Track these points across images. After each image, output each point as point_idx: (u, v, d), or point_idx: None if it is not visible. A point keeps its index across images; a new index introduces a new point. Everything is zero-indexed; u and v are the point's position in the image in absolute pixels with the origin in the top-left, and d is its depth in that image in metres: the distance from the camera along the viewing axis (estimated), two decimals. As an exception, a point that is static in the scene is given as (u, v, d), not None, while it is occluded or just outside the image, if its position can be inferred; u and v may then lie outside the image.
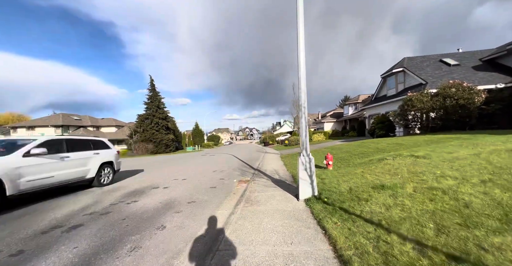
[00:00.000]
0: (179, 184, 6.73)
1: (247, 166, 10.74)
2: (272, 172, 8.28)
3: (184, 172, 9.58)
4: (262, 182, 6.42)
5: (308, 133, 4.55)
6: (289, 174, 7.77)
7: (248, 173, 8.64)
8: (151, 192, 5.60)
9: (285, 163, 10.74)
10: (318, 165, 8.69)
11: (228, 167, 10.78)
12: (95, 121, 37.16)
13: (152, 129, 28.78)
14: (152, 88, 30.71)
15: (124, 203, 4.58)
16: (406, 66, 16.20)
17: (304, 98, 4.49)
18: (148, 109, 29.98)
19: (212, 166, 11.59)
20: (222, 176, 8.13)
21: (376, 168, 5.61)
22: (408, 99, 12.66)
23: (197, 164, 12.71)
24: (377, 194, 3.58)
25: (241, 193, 5.35)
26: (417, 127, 13.69)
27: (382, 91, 20.37)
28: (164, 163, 14.32)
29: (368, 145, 10.68)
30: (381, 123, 15.50)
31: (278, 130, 70.23)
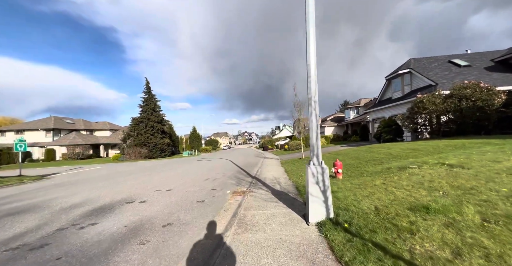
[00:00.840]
0: (161, 196, 5.63)
1: (244, 173, 9.66)
2: (272, 181, 7.21)
3: (173, 180, 8.49)
4: (261, 194, 5.35)
5: (318, 135, 3.53)
6: (292, 183, 6.71)
7: (244, 181, 7.56)
8: (122, 209, 4.51)
9: (286, 170, 9.68)
10: None
11: (222, 174, 9.69)
12: (88, 125, 36.02)
13: (146, 133, 27.67)
14: (147, 91, 29.79)
15: (77, 226, 3.49)
16: (413, 67, 15.39)
17: (315, 90, 3.49)
18: (143, 112, 28.95)
19: (205, 172, 10.49)
20: (214, 185, 7.05)
21: (400, 178, 4.57)
22: (418, 101, 11.74)
23: (190, 171, 11.61)
24: (422, 221, 2.53)
25: (234, 210, 4.27)
26: (428, 132, 12.72)
27: (387, 94, 19.53)
28: (154, 169, 13.20)
29: (378, 150, 9.66)
30: (388, 127, 14.54)
31: (278, 135, 69.24)
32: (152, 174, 10.72)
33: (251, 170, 10.98)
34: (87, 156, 30.03)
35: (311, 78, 3.46)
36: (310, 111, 3.51)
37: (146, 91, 29.76)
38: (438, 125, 12.13)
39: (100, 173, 12.74)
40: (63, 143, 28.96)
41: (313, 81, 3.47)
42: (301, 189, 5.64)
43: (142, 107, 29.08)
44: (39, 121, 30.67)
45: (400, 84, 16.89)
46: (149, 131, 27.87)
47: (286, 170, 9.86)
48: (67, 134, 31.53)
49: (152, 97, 30.06)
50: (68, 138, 29.99)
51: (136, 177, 9.73)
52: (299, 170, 9.11)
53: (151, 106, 29.24)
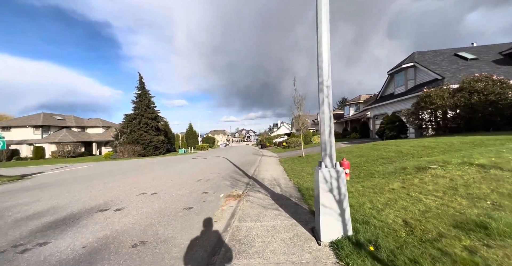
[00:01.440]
0: (143, 202, 4.87)
1: (240, 173, 8.93)
2: (271, 182, 6.49)
3: (162, 180, 7.71)
4: (259, 199, 4.63)
5: (331, 130, 2.79)
6: (293, 185, 6.00)
7: (241, 182, 6.83)
8: (90, 220, 3.74)
9: (286, 169, 8.98)
10: None
11: (217, 174, 8.94)
12: (80, 121, 34.74)
13: (140, 130, 26.70)
14: (141, 87, 28.70)
15: (19, 248, 2.69)
16: (417, 61, 14.70)
17: (327, 71, 2.73)
18: (136, 108, 27.90)
19: (199, 172, 9.73)
20: (207, 187, 6.30)
21: (422, 181, 3.88)
22: (425, 96, 11.07)
23: (183, 170, 10.83)
24: (487, 250, 1.81)
25: (226, 221, 3.54)
26: (434, 128, 12.10)
27: (389, 89, 18.87)
28: (145, 168, 12.39)
29: (384, 147, 8.99)
30: (391, 123, 13.89)
31: (276, 132, 68.58)
32: (141, 174, 9.92)
33: (248, 169, 10.25)
34: (78, 153, 28.97)
35: (323, 56, 2.69)
36: (321, 99, 2.76)
37: (140, 87, 28.67)
38: (444, 121, 11.51)
39: (87, 172, 11.89)
40: (52, 140, 27.81)
41: (325, 60, 2.71)
42: (305, 192, 4.93)
43: (135, 103, 28.02)
44: (27, 117, 29.38)
45: (404, 79, 16.22)
46: (142, 128, 26.90)
47: (286, 169, 9.16)
48: (57, 131, 30.31)
49: (146, 93, 29.00)
50: (58, 135, 28.81)
51: (123, 177, 8.93)
52: (300, 169, 8.41)
53: (145, 102, 28.20)
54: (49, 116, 31.04)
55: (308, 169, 8.07)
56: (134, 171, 11.39)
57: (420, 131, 13.82)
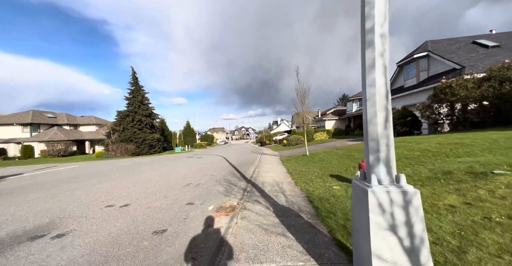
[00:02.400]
0: (102, 220, 3.66)
1: (237, 175, 7.73)
2: (273, 188, 5.30)
3: (143, 185, 6.51)
4: (258, 215, 3.44)
5: (389, 116, 1.57)
6: (301, 192, 4.81)
7: (237, 188, 5.64)
8: (2, 258, 2.53)
9: (289, 170, 7.79)
10: (340, 175, 5.77)
11: (210, 176, 7.75)
12: (72, 119, 33.37)
13: (133, 128, 25.42)
14: (134, 82, 27.32)
15: None
16: (431, 50, 13.44)
17: (383, 7, 1.50)
18: (129, 105, 26.58)
19: (190, 174, 8.53)
20: (194, 195, 5.10)
21: (493, 195, 2.69)
22: (444, 87, 9.84)
23: (173, 171, 9.63)
24: None
25: (208, 259, 2.33)
26: (453, 123, 10.89)
27: (398, 82, 17.61)
28: (133, 169, 11.18)
29: (402, 145, 7.80)
30: (403, 118, 12.69)
31: (275, 130, 67.43)
32: (125, 176, 8.72)
33: (246, 169, 9.06)
34: (70, 152, 27.72)
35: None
36: (369, 61, 1.52)
37: (133, 83, 27.30)
38: (464, 115, 10.30)
39: (66, 174, 10.67)
40: (42, 138, 26.52)
41: None
42: (318, 205, 3.74)
43: (128, 99, 26.68)
44: (15, 115, 28.00)
45: (415, 70, 14.96)
46: (136, 126, 25.62)
47: (289, 170, 7.96)
48: (47, 129, 28.99)
49: (140, 88, 27.64)
50: (48, 133, 27.49)
51: (100, 181, 7.72)
52: (305, 170, 7.20)
53: (139, 98, 26.86)
54: (38, 114, 29.67)
55: (316, 171, 6.88)
56: (119, 172, 10.18)
57: (435, 127, 12.64)
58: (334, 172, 6.32)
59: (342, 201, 3.80)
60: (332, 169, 6.76)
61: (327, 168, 7.02)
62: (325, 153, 11.00)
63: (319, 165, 7.89)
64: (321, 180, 5.64)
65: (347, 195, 4.13)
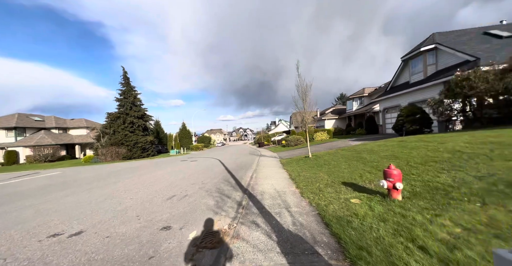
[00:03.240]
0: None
1: (232, 182, 6.65)
2: (274, 201, 4.24)
3: (116, 199, 5.41)
4: (256, 249, 2.37)
5: None
6: (310, 208, 3.75)
7: (230, 202, 4.58)
8: None
9: (292, 176, 6.74)
10: (355, 182, 4.71)
11: (201, 184, 6.67)
12: (62, 122, 31.93)
13: (125, 130, 24.17)
14: (125, 82, 26.10)
15: None
16: (440, 42, 12.54)
17: None
18: (120, 106, 25.35)
19: (178, 181, 7.44)
20: (175, 214, 4.02)
21: None
22: (461, 80, 8.90)
23: (159, 178, 8.52)
24: None
25: None
26: (469, 119, 9.95)
27: (403, 78, 16.71)
28: (117, 175, 10.03)
29: (421, 145, 6.80)
30: (412, 115, 11.75)
31: (274, 130, 66.44)
32: (103, 186, 7.59)
33: (243, 175, 8.00)
34: (58, 157, 26.34)
35: None
36: None
37: (124, 83, 26.08)
38: (481, 110, 9.37)
39: (43, 183, 9.50)
40: (28, 143, 25.13)
41: None
42: (338, 231, 2.68)
43: (119, 101, 25.44)
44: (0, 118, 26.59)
45: (422, 64, 14.06)
46: (127, 128, 24.38)
47: (291, 175, 6.91)
48: (34, 133, 27.57)
49: (131, 89, 26.42)
50: (34, 138, 26.09)
51: (71, 193, 6.59)
52: (311, 177, 6.15)
53: (130, 99, 25.64)
54: (25, 117, 28.24)
55: (323, 177, 5.83)
56: (99, 180, 9.03)
57: (446, 125, 11.71)
58: (346, 179, 5.28)
59: (371, 224, 2.75)
60: (342, 175, 5.72)
61: (337, 174, 5.99)
62: (330, 154, 9.98)
63: (326, 170, 6.85)
64: (332, 190, 4.60)
65: (374, 214, 3.08)
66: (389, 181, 3.57)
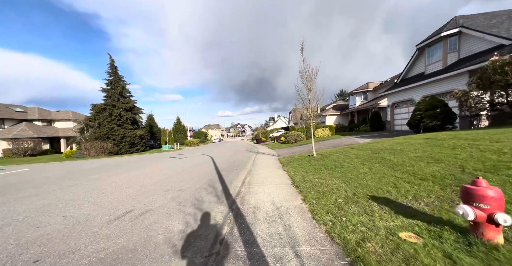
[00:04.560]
0: None
1: (218, 189, 5.05)
2: (272, 229, 2.63)
3: (32, 221, 3.80)
4: None
5: None
6: (332, 243, 2.11)
7: (204, 227, 2.98)
8: None
9: (295, 181, 5.15)
10: (388, 197, 3.00)
11: (177, 191, 5.06)
12: (46, 114, 29.87)
13: (111, 123, 22.35)
14: (113, 71, 24.10)
15: None
16: (465, 25, 10.90)
17: None
18: (107, 97, 23.46)
19: (150, 185, 5.83)
20: (103, 257, 2.41)
21: None
22: (501, 65, 7.32)
23: (129, 180, 6.90)
24: None
25: None
26: (501, 114, 8.43)
27: (416, 68, 15.09)
28: (84, 175, 8.38)
29: (463, 143, 5.25)
30: (432, 109, 10.19)
31: (272, 126, 64.85)
32: (52, 191, 5.96)
33: (234, 177, 6.41)
34: (40, 151, 24.50)
35: None
36: None
37: (111, 72, 24.08)
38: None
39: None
40: (6, 135, 23.21)
41: None
42: None
43: (106, 91, 23.51)
44: (-24, 109, 24.54)
45: (441, 52, 12.43)
46: (114, 121, 22.56)
47: (294, 179, 5.33)
48: (14, 125, 25.61)
49: (119, 79, 24.47)
50: (14, 130, 24.15)
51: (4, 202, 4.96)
52: (321, 183, 4.56)
53: (118, 90, 23.72)
54: (4, 107, 26.18)
55: (338, 184, 4.26)
56: (54, 183, 7.39)
57: (470, 120, 10.20)
58: (374, 191, 3.72)
59: None
60: (366, 184, 4.16)
61: (357, 181, 4.42)
62: (338, 153, 8.42)
63: (339, 174, 5.27)
64: (359, 209, 3.04)
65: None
66: (478, 207, 2.00)
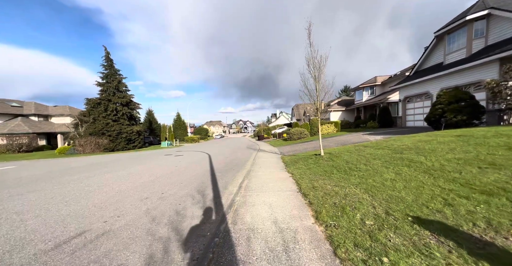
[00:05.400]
0: None
1: (207, 197, 4.06)
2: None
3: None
4: None
5: None
6: None
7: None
8: None
9: (302, 187, 4.13)
10: (452, 226, 1.91)
11: (156, 201, 4.09)
12: (43, 109, 29.18)
13: (106, 119, 21.49)
14: (108, 65, 23.11)
15: None
16: (495, 6, 9.58)
17: None
18: (103, 92, 22.54)
19: (126, 192, 4.87)
20: None
21: None
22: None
23: (109, 182, 5.96)
24: None
25: None
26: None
27: (433, 58, 13.78)
28: (62, 175, 7.48)
29: None
30: (456, 102, 9.01)
31: (274, 123, 63.67)
32: (4, 199, 5.05)
33: (229, 181, 5.40)
34: (35, 147, 23.86)
35: None
36: None
37: (107, 65, 23.09)
38: None
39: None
40: (0, 131, 22.59)
41: None
42: None
43: (101, 85, 22.58)
44: (-30, 104, 23.89)
45: (464, 39, 11.12)
46: (110, 116, 21.69)
47: (301, 185, 4.30)
48: (9, 120, 24.96)
49: (115, 72, 23.50)
50: (8, 125, 23.49)
51: None
52: (336, 192, 3.51)
53: (114, 84, 22.78)
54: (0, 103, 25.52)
55: (361, 196, 3.22)
56: (20, 186, 6.49)
57: (499, 115, 9.03)
58: (411, 206, 2.69)
59: None
60: (397, 195, 3.12)
61: (382, 191, 3.38)
62: (349, 152, 7.36)
63: (357, 179, 4.23)
64: (405, 242, 2.01)
65: None
66: None
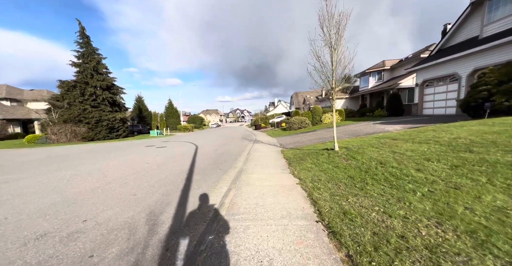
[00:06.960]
0: None
1: (158, 230, 2.12)
2: None
3: None
4: None
5: None
6: None
7: None
8: None
9: (320, 205, 2.18)
10: None
11: (59, 244, 2.12)
12: (17, 93, 26.36)
13: (84, 104, 19.10)
14: (84, 42, 20.22)
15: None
16: None
17: None
18: (78, 73, 19.90)
19: (48, 214, 2.92)
20: None
21: None
22: None
23: (7, 199, 3.98)
24: None
25: None
26: None
27: (464, 32, 11.58)
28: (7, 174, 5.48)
29: None
30: (508, 82, 7.03)
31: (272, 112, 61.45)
32: None
33: (209, 190, 3.43)
34: (6, 135, 21.52)
35: None
36: None
37: (82, 42, 20.23)
38: None
39: None
40: (-36, 117, 20.11)
41: None
42: None
43: (75, 66, 19.88)
44: None
45: (509, 5, 8.91)
46: (88, 101, 19.29)
47: (321, 206, 2.36)
48: (-26, 105, 22.29)
49: (93, 51, 20.70)
50: (-26, 111, 20.99)
51: None
52: (397, 231, 1.58)
53: (92, 64, 20.08)
54: (-37, 85, 22.64)
55: (464, 249, 1.32)
56: None
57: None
58: None
59: None
60: None
61: (505, 241, 1.43)
62: (373, 147, 5.43)
63: (425, 203, 2.29)
64: None
65: None
66: None
